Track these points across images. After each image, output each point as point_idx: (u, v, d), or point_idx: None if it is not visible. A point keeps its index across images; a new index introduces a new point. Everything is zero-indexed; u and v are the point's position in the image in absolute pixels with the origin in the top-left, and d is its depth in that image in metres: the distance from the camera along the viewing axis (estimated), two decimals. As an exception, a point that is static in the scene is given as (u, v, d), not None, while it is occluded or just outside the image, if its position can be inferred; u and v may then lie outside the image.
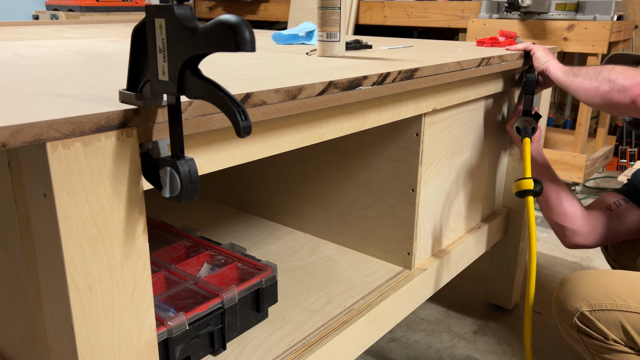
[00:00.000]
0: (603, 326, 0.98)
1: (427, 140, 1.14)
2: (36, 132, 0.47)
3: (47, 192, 0.51)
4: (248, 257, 1.07)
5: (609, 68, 1.09)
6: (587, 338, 1.02)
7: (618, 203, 1.25)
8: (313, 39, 1.37)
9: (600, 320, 0.98)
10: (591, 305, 0.99)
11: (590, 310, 0.99)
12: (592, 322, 0.99)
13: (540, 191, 1.22)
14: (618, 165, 3.17)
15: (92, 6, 3.35)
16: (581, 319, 1.00)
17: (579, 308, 1.00)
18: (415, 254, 1.21)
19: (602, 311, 0.98)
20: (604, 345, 1.00)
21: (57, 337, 0.60)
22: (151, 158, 0.58)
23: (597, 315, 0.98)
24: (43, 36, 1.54)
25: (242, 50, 0.46)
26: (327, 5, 1.06)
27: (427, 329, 1.60)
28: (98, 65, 0.91)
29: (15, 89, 0.65)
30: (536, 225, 2.30)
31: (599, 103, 1.10)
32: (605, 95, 1.08)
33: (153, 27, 0.53)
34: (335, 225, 1.34)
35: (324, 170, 1.32)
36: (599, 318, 0.98)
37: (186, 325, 0.85)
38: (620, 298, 0.98)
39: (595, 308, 0.99)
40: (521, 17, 2.63)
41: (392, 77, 0.89)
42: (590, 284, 1.01)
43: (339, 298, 1.10)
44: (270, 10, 3.83)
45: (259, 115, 0.67)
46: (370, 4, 3.30)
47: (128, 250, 0.58)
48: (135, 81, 0.57)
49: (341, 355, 0.99)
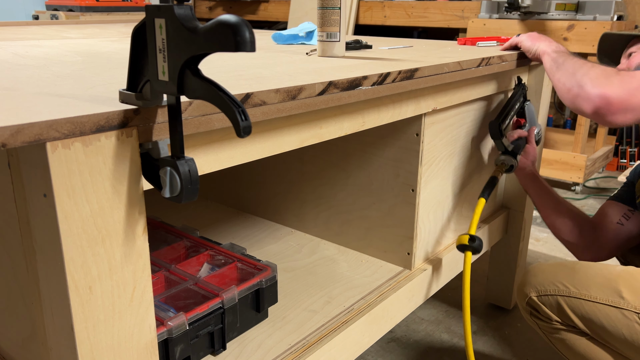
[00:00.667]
0: (547, 309, 1.08)
1: (427, 140, 1.14)
2: (36, 132, 0.47)
3: (47, 192, 0.51)
4: (248, 257, 1.07)
5: (586, 68, 1.04)
6: (538, 320, 1.11)
7: (627, 216, 1.24)
8: (313, 39, 1.37)
9: (545, 305, 1.08)
10: (538, 291, 1.09)
11: (538, 296, 1.09)
12: (539, 306, 1.09)
13: (478, 248, 1.18)
14: (618, 165, 3.17)
15: (92, 6, 3.35)
16: (530, 302, 1.11)
17: (528, 293, 1.11)
18: (415, 254, 1.21)
19: (547, 296, 1.07)
20: (550, 325, 1.09)
21: (57, 337, 0.60)
22: (151, 158, 0.58)
23: (543, 300, 1.08)
24: (43, 36, 1.54)
25: (242, 50, 0.46)
26: (327, 5, 1.06)
27: (427, 329, 1.60)
28: (98, 65, 0.91)
29: (15, 89, 0.65)
30: (536, 225, 2.31)
31: (569, 105, 1.06)
32: (573, 99, 1.03)
33: (153, 27, 0.53)
34: (335, 225, 1.34)
35: (324, 170, 1.32)
36: (544, 302, 1.08)
37: (186, 325, 0.85)
38: (563, 284, 1.06)
39: (541, 294, 1.08)
40: (521, 17, 2.63)
41: (392, 77, 0.89)
42: (541, 273, 1.10)
43: (339, 298, 1.10)
44: (270, 10, 3.83)
45: (259, 115, 0.67)
46: (370, 4, 3.30)
47: (128, 250, 0.58)
48: (135, 81, 0.57)
49: (341, 355, 0.99)
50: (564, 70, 1.08)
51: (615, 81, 0.97)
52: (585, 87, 1.00)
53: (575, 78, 1.03)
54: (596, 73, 1.01)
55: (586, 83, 1.00)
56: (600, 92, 0.97)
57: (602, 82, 0.98)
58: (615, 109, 0.96)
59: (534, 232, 2.26)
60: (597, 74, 1.00)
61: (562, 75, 1.08)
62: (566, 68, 1.08)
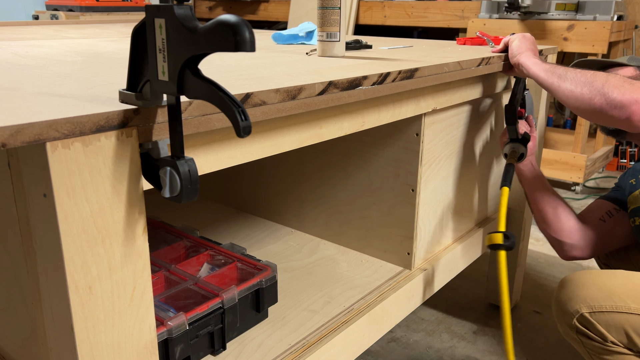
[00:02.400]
0: (602, 328, 0.98)
1: (427, 140, 1.14)
2: (36, 132, 0.47)
3: (47, 192, 0.51)
4: (248, 257, 1.07)
5: (602, 78, 1.00)
6: (586, 339, 1.02)
7: (610, 213, 1.24)
8: (313, 39, 1.37)
9: (600, 322, 0.98)
10: (591, 307, 1.00)
11: (590, 312, 0.99)
12: (592, 324, 0.99)
13: (512, 246, 1.12)
14: (618, 165, 3.17)
15: (92, 6, 3.35)
16: (581, 320, 1.01)
17: (579, 309, 1.01)
18: (415, 254, 1.21)
19: (602, 313, 0.98)
20: (602, 346, 1.00)
21: (57, 337, 0.60)
22: (151, 158, 0.58)
23: (597, 317, 0.99)
24: (43, 36, 1.54)
25: (242, 50, 0.46)
26: (327, 5, 1.06)
27: (427, 329, 1.60)
28: (98, 65, 0.91)
29: (15, 89, 0.65)
30: (536, 224, 2.31)
31: (590, 115, 1.02)
32: (599, 109, 0.99)
33: (153, 27, 0.53)
34: (335, 225, 1.34)
35: (324, 170, 1.32)
36: (599, 320, 0.98)
37: (186, 325, 0.85)
38: (621, 299, 0.97)
39: (595, 310, 0.99)
40: (521, 17, 2.63)
41: (392, 77, 0.89)
42: (591, 285, 1.01)
43: (339, 298, 1.10)
44: (270, 10, 3.83)
45: (259, 115, 0.67)
46: (370, 4, 3.30)
47: (128, 250, 0.58)
48: (135, 81, 0.57)
49: (341, 355, 0.99)
50: (573, 81, 1.03)
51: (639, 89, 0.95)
52: (611, 95, 0.96)
53: (595, 87, 0.99)
54: (617, 81, 0.98)
55: (611, 91, 0.97)
56: (632, 97, 0.94)
57: (629, 88, 0.95)
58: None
59: (534, 232, 2.26)
60: (619, 82, 0.97)
61: (573, 86, 1.03)
62: (575, 78, 1.03)
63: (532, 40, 1.23)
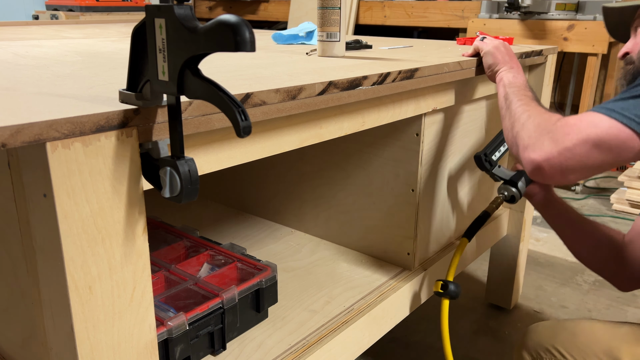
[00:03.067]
0: None
1: (427, 140, 1.14)
2: (36, 132, 0.47)
3: (47, 192, 0.51)
4: (248, 257, 1.07)
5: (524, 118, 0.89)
6: None
7: None
8: (313, 39, 1.37)
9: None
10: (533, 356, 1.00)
11: None
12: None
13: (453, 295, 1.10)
14: (618, 165, 3.17)
15: (92, 6, 3.35)
16: None
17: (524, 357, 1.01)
18: (415, 254, 1.21)
19: None
20: None
21: (57, 337, 0.60)
22: (151, 158, 0.58)
23: None
24: (43, 36, 1.54)
25: (242, 50, 0.46)
26: (327, 5, 1.06)
27: (427, 329, 1.60)
28: (98, 65, 0.91)
29: (15, 89, 0.65)
30: (536, 225, 2.31)
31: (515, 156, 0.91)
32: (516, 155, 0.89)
33: (153, 27, 0.53)
34: (335, 225, 1.34)
35: (324, 170, 1.32)
36: None
37: (186, 325, 0.85)
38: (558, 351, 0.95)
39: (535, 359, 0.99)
40: (521, 17, 2.63)
41: (392, 77, 0.89)
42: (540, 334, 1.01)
43: (339, 298, 1.10)
44: (270, 10, 3.83)
45: (259, 115, 0.67)
46: (370, 4, 3.30)
47: (128, 250, 0.58)
48: (135, 81, 0.57)
49: (341, 356, 0.99)
50: (508, 117, 0.95)
51: (546, 141, 0.81)
52: (519, 147, 0.87)
53: (513, 133, 0.90)
54: (530, 129, 0.86)
55: (520, 142, 0.87)
56: (530, 157, 0.82)
57: (533, 143, 0.83)
58: (549, 174, 0.81)
59: (534, 232, 2.26)
60: (531, 131, 0.85)
61: (506, 121, 0.95)
62: (510, 114, 0.94)
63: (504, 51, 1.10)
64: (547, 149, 0.80)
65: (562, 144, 0.80)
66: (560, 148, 0.79)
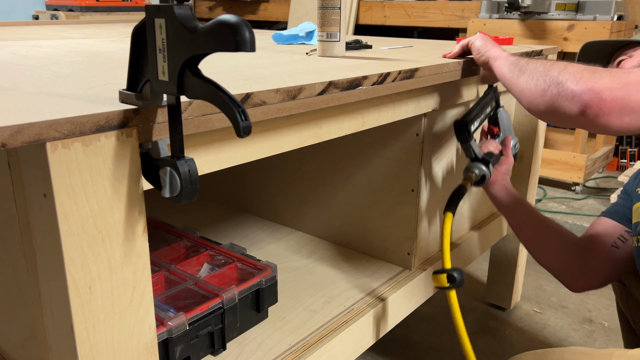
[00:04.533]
0: None
1: (427, 140, 1.14)
2: (36, 132, 0.47)
3: (47, 192, 0.51)
4: (248, 257, 1.07)
5: (562, 64, 0.82)
6: None
7: (623, 238, 1.03)
8: (313, 39, 1.37)
9: None
10: None
11: None
12: None
13: (460, 284, 0.99)
14: (618, 165, 3.17)
15: (92, 6, 3.35)
16: None
17: None
18: (415, 254, 1.21)
19: None
20: None
21: (57, 337, 0.60)
22: (151, 158, 0.58)
23: None
24: (43, 36, 1.54)
25: (242, 50, 0.46)
26: (327, 5, 1.06)
27: (427, 329, 1.60)
28: (98, 65, 0.91)
29: (15, 89, 0.65)
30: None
31: (543, 110, 0.84)
32: (550, 102, 0.82)
33: (153, 27, 0.53)
34: (335, 225, 1.34)
35: (324, 170, 1.32)
36: None
37: (186, 325, 0.85)
38: None
39: None
40: (521, 17, 2.63)
41: (392, 77, 0.89)
42: None
43: (339, 298, 1.10)
44: (270, 10, 3.83)
45: (259, 115, 0.67)
46: (370, 4, 3.30)
47: (128, 251, 0.58)
48: (135, 81, 0.57)
49: (341, 356, 0.99)
50: (532, 72, 0.88)
51: (605, 75, 0.77)
52: (566, 83, 0.79)
53: (550, 76, 0.82)
54: (577, 68, 0.80)
55: (567, 79, 0.79)
56: (587, 86, 0.76)
57: (588, 76, 0.77)
58: (608, 108, 0.75)
59: (534, 232, 2.26)
60: (579, 69, 0.80)
61: (530, 77, 0.87)
62: (534, 69, 0.88)
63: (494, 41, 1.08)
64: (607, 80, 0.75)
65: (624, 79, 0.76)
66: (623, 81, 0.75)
